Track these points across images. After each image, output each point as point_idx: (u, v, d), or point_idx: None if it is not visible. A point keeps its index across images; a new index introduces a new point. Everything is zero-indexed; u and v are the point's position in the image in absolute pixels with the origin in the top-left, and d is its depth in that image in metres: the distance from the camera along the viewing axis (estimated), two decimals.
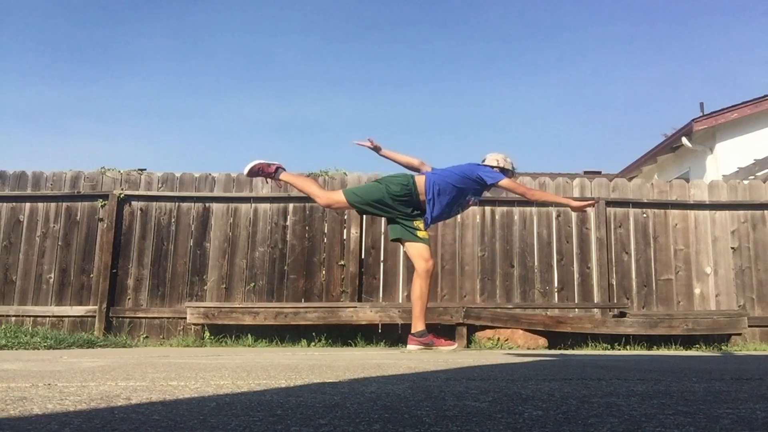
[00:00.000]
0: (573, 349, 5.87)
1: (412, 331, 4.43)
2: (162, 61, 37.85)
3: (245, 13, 37.39)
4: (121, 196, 6.59)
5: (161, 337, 6.35)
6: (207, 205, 6.62)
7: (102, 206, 6.60)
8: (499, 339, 5.86)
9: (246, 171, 4.53)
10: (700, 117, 10.70)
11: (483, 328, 6.01)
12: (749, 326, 6.17)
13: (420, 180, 4.44)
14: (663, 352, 5.55)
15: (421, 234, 4.39)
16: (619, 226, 6.64)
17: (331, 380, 1.78)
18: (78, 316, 6.39)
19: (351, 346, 5.94)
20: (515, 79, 42.64)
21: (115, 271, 6.46)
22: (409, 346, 4.42)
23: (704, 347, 6.00)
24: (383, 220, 6.57)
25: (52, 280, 6.49)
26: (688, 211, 6.70)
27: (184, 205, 6.63)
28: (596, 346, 6.00)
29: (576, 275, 6.52)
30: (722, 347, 5.98)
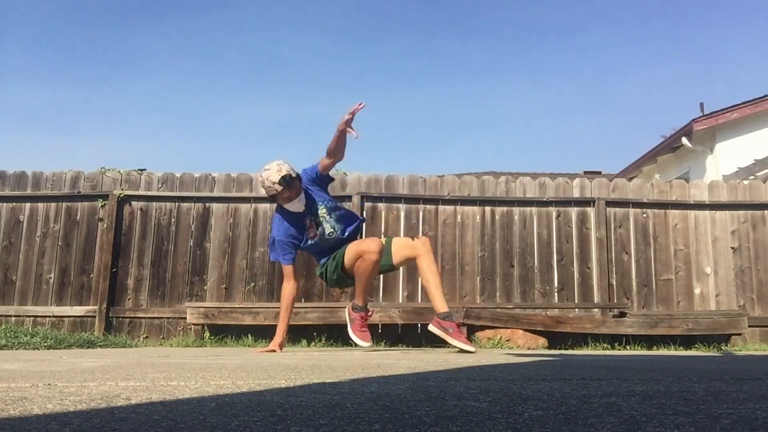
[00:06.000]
0: (573, 349, 5.87)
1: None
2: (168, 62, 37.89)
3: (250, 14, 37.41)
4: (121, 196, 6.59)
5: (161, 337, 6.35)
6: (207, 205, 6.62)
7: (102, 206, 6.60)
8: (499, 339, 5.86)
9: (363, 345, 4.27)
10: (700, 117, 10.71)
11: (483, 328, 6.00)
12: (749, 326, 6.17)
13: None
14: (663, 352, 5.55)
15: None
16: (619, 226, 6.64)
17: (331, 380, 1.78)
18: (78, 316, 6.39)
19: (351, 346, 5.94)
20: (516, 79, 42.67)
21: (115, 271, 6.46)
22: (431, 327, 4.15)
23: (704, 347, 5.99)
24: (383, 220, 6.58)
25: (52, 280, 6.49)
26: (688, 211, 6.70)
27: (184, 205, 6.62)
28: (596, 346, 6.00)
29: (576, 275, 6.52)
30: (722, 347, 5.98)
